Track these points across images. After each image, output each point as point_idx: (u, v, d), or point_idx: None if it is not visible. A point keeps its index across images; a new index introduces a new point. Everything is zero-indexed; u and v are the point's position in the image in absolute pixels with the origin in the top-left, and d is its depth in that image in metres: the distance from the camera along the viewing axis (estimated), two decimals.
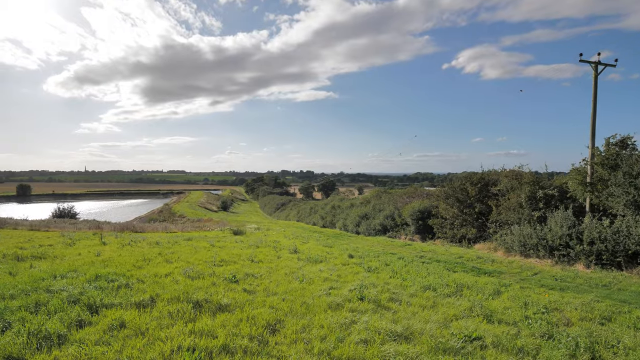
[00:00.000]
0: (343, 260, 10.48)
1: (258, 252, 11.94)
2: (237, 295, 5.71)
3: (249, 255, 10.51)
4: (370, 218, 26.57)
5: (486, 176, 18.83)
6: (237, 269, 7.98)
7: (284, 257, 10.63)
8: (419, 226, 21.72)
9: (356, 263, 10.00)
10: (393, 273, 8.48)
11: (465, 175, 19.74)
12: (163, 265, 8.10)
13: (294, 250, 12.33)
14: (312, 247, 14.65)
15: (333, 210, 36.26)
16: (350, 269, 8.86)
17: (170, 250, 10.92)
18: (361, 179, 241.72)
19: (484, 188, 18.26)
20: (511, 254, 14.19)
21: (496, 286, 7.73)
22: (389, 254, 13.95)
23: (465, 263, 12.14)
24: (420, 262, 11.51)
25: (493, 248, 15.63)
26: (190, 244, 13.22)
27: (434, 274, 8.76)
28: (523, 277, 9.76)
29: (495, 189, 17.31)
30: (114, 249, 10.89)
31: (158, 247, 11.94)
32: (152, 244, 12.71)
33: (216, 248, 12.36)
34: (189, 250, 11.15)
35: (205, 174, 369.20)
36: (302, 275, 7.47)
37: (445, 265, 11.19)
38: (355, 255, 11.95)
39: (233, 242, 15.22)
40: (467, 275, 9.40)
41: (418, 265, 10.79)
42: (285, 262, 9.53)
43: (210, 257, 9.72)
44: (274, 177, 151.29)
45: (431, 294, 6.52)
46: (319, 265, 9.39)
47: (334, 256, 11.59)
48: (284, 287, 6.41)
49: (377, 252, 14.51)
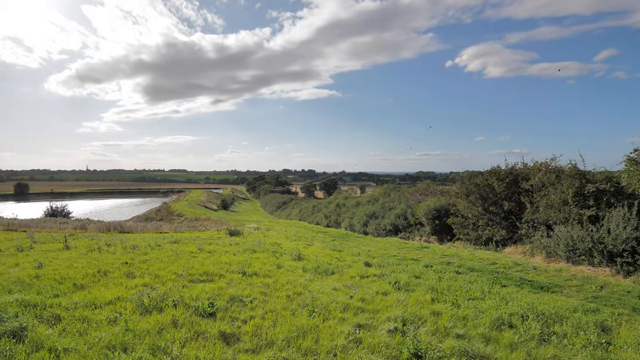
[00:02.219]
0: (360, 271, 8.31)
1: (254, 258, 9.80)
2: (206, 354, 3.48)
3: (241, 264, 8.37)
4: (379, 217, 24.38)
5: (515, 170, 16.58)
6: (220, 288, 5.82)
7: (285, 267, 8.48)
8: (435, 226, 19.52)
9: (377, 275, 7.83)
10: (433, 292, 6.30)
11: (490, 170, 17.50)
12: (119, 282, 5.97)
13: (297, 257, 10.18)
14: (318, 252, 12.49)
15: (337, 208, 34.08)
16: (373, 286, 6.69)
17: (144, 258, 8.79)
18: (363, 178, 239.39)
19: (513, 183, 16.02)
20: (553, 260, 11.99)
21: (591, 317, 5.38)
22: (410, 260, 11.76)
23: (506, 272, 9.94)
24: (454, 272, 9.31)
25: (529, 252, 13.42)
26: (174, 249, 11.10)
27: (489, 293, 6.55)
28: (596, 295, 7.53)
29: (526, 184, 15.07)
30: (74, 257, 8.78)
31: (132, 252, 9.82)
32: (128, 249, 10.60)
33: (203, 254, 10.23)
34: (168, 258, 9.02)
35: (207, 173, 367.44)
36: (312, 300, 5.30)
37: (486, 276, 8.99)
38: (372, 263, 9.78)
39: (226, 245, 13.09)
40: (525, 292, 7.19)
41: (453, 276, 8.60)
42: (287, 275, 7.38)
43: (191, 267, 7.58)
44: (275, 176, 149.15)
45: (514, 338, 4.33)
46: (330, 278, 7.23)
47: (347, 264, 9.43)
48: (285, 326, 4.24)
49: (395, 258, 12.32)
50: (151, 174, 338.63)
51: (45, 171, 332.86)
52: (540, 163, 15.86)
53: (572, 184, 12.55)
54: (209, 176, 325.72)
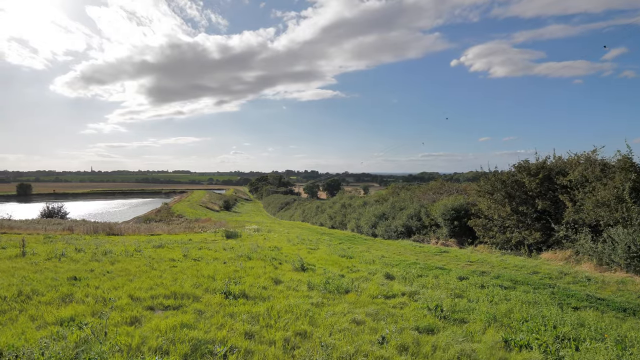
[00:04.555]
0: (381, 286, 6.42)
1: (247, 268, 7.95)
2: None
3: (228, 277, 6.52)
4: (389, 218, 22.43)
5: (547, 165, 14.58)
6: (183, 325, 3.90)
7: (286, 282, 6.61)
8: (454, 228, 17.56)
9: (406, 294, 5.92)
10: (496, 324, 4.39)
11: (517, 164, 15.50)
12: (35, 314, 4.13)
13: (301, 266, 8.31)
14: (325, 258, 10.62)
15: (343, 209, 32.14)
16: (408, 313, 4.80)
17: (107, 269, 6.98)
18: (366, 179, 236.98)
19: (547, 179, 14.02)
20: (607, 269, 10.01)
21: None
22: (436, 270, 9.83)
23: (564, 287, 7.97)
24: (498, 286, 7.36)
25: (573, 259, 11.44)
26: (153, 255, 9.28)
27: (580, 327, 4.61)
28: None
29: (564, 180, 13.08)
30: (21, 266, 6.98)
31: (98, 261, 8.00)
32: (98, 255, 8.79)
33: (186, 262, 8.40)
34: (137, 269, 7.19)
35: (210, 174, 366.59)
36: (325, 351, 3.38)
37: (541, 292, 7.03)
38: (394, 274, 7.86)
39: (219, 250, 11.26)
40: (613, 320, 5.24)
41: (501, 293, 6.66)
42: (287, 296, 5.50)
43: (159, 284, 5.74)
44: (278, 177, 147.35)
45: None
46: (345, 300, 5.35)
47: (363, 276, 7.55)
48: None
49: (416, 266, 10.40)
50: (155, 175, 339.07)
51: (50, 172, 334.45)
52: (579, 155, 13.85)
53: (626, 177, 10.57)
54: (212, 177, 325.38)
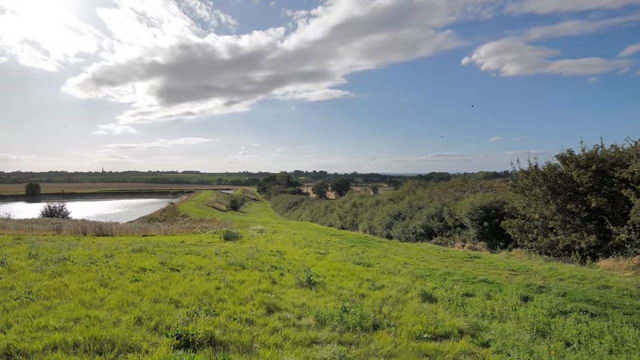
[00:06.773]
0: (422, 319, 4.38)
1: (236, 283, 6.00)
2: None
3: (201, 301, 4.56)
4: (406, 218, 20.27)
5: (597, 156, 12.27)
6: None
7: (284, 309, 4.62)
8: (483, 229, 15.35)
9: (465, 332, 3.90)
10: None
11: (559, 155, 13.21)
12: None
13: (307, 280, 6.31)
14: (338, 266, 8.59)
15: (354, 208, 30.04)
16: None
17: (38, 286, 5.09)
18: (375, 179, 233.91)
19: (601, 173, 11.74)
20: None
21: None
22: (480, 283, 7.71)
23: None
24: (582, 313, 5.25)
25: None
26: (126, 262, 7.40)
27: None
28: None
29: (625, 173, 10.80)
30: None
31: (38, 273, 6.14)
32: (49, 263, 6.95)
33: (158, 274, 6.48)
34: (80, 285, 5.28)
35: (219, 175, 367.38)
36: None
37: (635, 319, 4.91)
38: (432, 293, 5.79)
39: (209, 256, 9.34)
40: None
41: (597, 326, 4.56)
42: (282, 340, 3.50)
43: (87, 317, 3.83)
44: (286, 177, 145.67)
45: None
46: (374, 346, 3.34)
47: (392, 296, 5.51)
48: None
49: (452, 277, 8.28)
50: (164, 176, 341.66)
51: (62, 173, 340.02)
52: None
53: None
54: (221, 177, 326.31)
